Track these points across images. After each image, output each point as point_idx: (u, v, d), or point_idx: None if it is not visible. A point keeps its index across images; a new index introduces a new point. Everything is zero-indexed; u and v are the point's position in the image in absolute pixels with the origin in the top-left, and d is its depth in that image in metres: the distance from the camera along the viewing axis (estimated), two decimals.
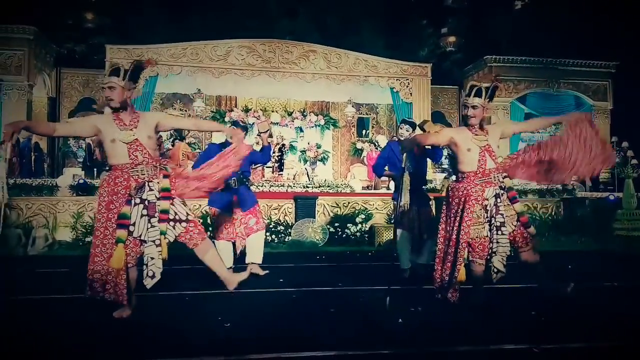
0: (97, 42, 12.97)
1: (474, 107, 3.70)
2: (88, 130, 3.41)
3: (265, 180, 9.95)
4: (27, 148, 10.87)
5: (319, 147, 13.58)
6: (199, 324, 3.23)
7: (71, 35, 13.78)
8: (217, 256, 3.57)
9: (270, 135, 6.03)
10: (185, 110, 13.99)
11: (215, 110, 13.93)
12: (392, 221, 5.14)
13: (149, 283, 3.27)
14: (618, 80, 13.89)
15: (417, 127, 5.06)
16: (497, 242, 3.64)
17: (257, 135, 5.23)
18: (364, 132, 15.05)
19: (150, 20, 13.59)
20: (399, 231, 5.09)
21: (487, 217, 3.67)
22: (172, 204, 3.37)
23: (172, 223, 3.35)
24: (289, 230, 8.19)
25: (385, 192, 10.77)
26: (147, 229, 3.28)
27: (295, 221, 8.37)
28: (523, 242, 3.72)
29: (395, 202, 5.17)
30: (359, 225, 8.41)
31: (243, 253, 5.07)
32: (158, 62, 9.33)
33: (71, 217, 7.92)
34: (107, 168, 3.48)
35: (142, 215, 3.29)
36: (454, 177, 4.05)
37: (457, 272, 3.61)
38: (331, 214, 8.76)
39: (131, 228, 3.26)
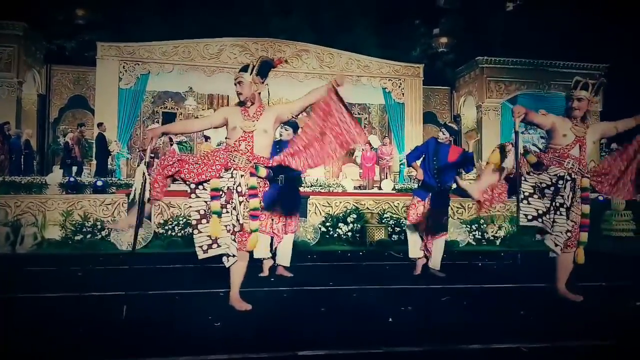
0: (88, 39, 12.89)
1: (579, 99, 3.83)
2: (220, 121, 3.57)
3: None
4: (17, 145, 10.76)
5: None
6: (189, 323, 3.22)
7: (62, 32, 13.67)
8: (241, 270, 3.59)
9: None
10: (177, 109, 13.94)
11: (206, 109, 13.88)
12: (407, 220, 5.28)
13: (227, 263, 3.43)
14: (608, 82, 14.00)
15: (468, 140, 5.17)
16: (555, 222, 3.71)
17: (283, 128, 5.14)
18: None
19: (142, 18, 13.52)
20: (408, 224, 5.23)
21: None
22: (244, 200, 3.43)
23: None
24: None
25: (376, 192, 10.80)
26: (222, 213, 3.37)
27: None
28: (572, 242, 3.83)
29: (413, 196, 5.26)
30: (351, 225, 8.41)
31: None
32: (286, 60, 9.50)
33: (60, 216, 7.84)
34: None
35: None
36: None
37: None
38: (323, 214, 8.76)
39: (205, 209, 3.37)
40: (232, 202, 3.39)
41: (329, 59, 12.14)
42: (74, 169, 11.00)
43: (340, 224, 8.40)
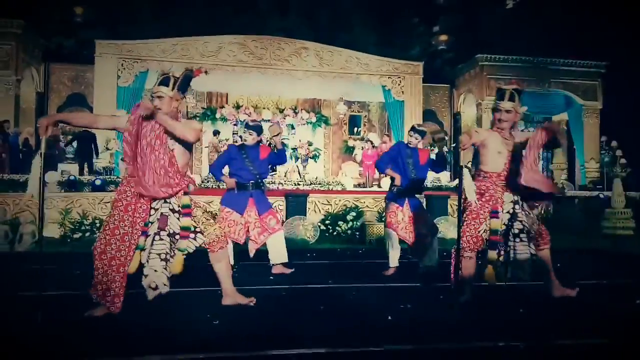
0: (86, 37, 12.82)
1: (508, 111, 3.68)
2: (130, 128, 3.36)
3: None
4: (15, 144, 10.73)
5: (310, 144, 13.56)
6: (187, 321, 3.21)
7: (60, 30, 13.60)
8: (228, 268, 3.57)
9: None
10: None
11: (206, 107, 13.85)
12: (383, 220, 5.20)
13: (150, 295, 3.22)
14: (608, 80, 14.01)
15: (433, 141, 5.14)
16: (515, 249, 3.64)
17: (271, 138, 5.18)
18: (355, 130, 15.05)
19: (140, 16, 13.47)
20: (388, 231, 5.18)
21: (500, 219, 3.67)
22: (192, 218, 3.34)
23: (192, 235, 3.33)
24: None
25: (376, 190, 10.78)
26: (154, 240, 3.24)
27: (287, 218, 8.35)
28: (543, 240, 3.76)
29: (387, 202, 5.23)
30: (350, 223, 8.41)
31: (255, 255, 5.03)
32: (207, 70, 9.46)
33: (59, 214, 7.83)
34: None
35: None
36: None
37: (460, 264, 3.65)
38: (322, 212, 8.75)
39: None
40: (167, 228, 3.26)
41: (329, 57, 12.09)
42: (61, 165, 10.96)
43: (340, 222, 8.39)
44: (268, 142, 5.12)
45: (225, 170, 5.09)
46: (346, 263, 6.13)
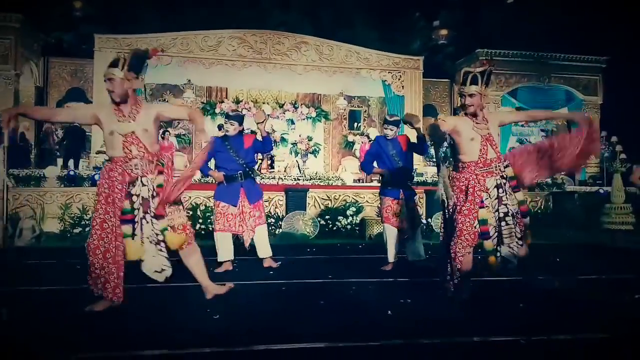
0: (85, 31, 12.75)
1: (471, 95, 3.61)
2: (88, 119, 3.42)
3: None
4: (12, 138, 10.70)
5: (310, 139, 13.53)
6: (187, 316, 3.21)
7: (59, 24, 13.53)
8: (200, 262, 3.54)
9: (272, 129, 5.85)
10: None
11: (205, 102, 13.81)
12: (378, 215, 5.20)
13: (159, 278, 3.25)
14: (608, 75, 13.97)
15: (403, 123, 5.13)
16: (502, 234, 3.58)
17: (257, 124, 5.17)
18: (355, 124, 15.03)
19: (139, 10, 13.40)
20: (385, 226, 5.19)
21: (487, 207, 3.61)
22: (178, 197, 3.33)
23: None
24: (280, 222, 8.17)
25: (376, 185, 10.78)
26: (142, 226, 3.21)
27: (286, 213, 8.35)
28: (520, 233, 3.67)
29: (382, 197, 5.23)
30: (350, 218, 8.41)
31: (252, 246, 5.03)
32: (164, 50, 9.18)
33: (59, 209, 7.82)
34: (107, 159, 3.40)
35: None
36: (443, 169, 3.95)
37: (460, 263, 3.58)
38: (322, 207, 8.75)
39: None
40: (149, 211, 3.22)
41: (328, 51, 12.04)
42: (59, 161, 10.97)
43: (340, 217, 8.39)
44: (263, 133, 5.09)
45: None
46: (346, 258, 6.13)
